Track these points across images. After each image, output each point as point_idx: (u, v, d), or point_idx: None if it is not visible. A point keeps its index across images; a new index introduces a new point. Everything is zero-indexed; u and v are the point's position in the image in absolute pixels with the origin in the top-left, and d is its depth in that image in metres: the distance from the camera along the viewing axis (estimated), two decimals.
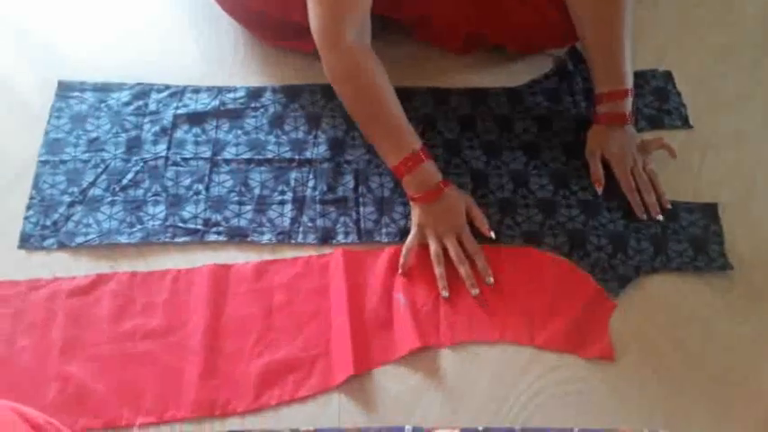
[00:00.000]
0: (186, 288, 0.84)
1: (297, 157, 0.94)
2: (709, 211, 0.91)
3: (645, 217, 0.89)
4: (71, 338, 0.79)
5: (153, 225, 0.87)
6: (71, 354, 0.78)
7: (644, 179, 0.90)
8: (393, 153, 0.85)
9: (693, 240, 0.88)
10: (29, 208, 0.88)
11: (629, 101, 0.91)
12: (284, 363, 0.78)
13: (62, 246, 0.85)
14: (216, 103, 0.99)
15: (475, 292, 0.83)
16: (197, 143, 0.95)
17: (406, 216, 0.89)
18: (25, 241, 0.86)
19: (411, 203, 0.87)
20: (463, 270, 0.83)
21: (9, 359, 0.77)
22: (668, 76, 1.06)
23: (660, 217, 0.89)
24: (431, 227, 0.85)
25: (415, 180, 0.84)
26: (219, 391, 0.76)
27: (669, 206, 0.90)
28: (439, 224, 0.85)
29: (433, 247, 0.84)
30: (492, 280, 0.84)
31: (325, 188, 0.91)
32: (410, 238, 0.85)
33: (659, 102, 1.03)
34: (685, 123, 1.01)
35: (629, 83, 0.91)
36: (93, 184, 0.90)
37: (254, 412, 0.75)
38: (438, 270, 0.84)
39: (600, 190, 0.91)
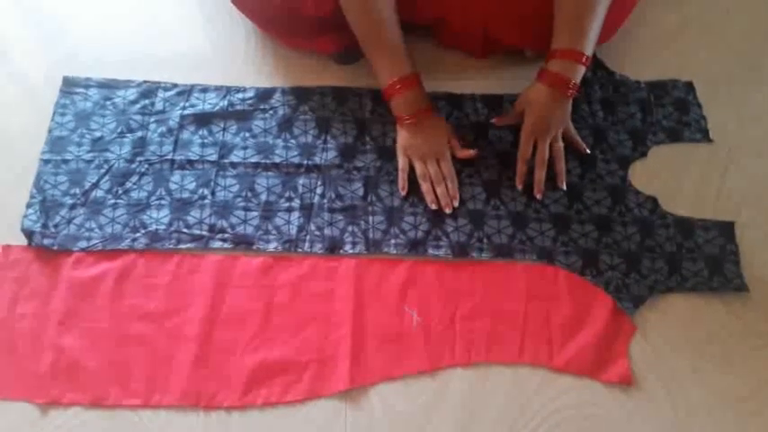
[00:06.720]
0: (190, 274, 0.83)
1: (305, 162, 0.91)
2: (726, 230, 0.89)
3: (520, 188, 0.89)
4: (70, 310, 0.79)
5: (157, 230, 0.85)
6: (68, 326, 0.78)
7: (542, 155, 0.87)
8: (387, 72, 0.87)
9: (709, 260, 0.86)
10: (29, 206, 0.86)
11: (581, 71, 0.85)
12: (277, 363, 0.77)
13: (63, 249, 0.83)
14: (224, 103, 0.96)
15: (448, 211, 0.87)
16: (203, 145, 0.92)
17: (416, 227, 0.87)
18: (29, 239, 0.84)
19: (398, 125, 0.91)
20: (440, 190, 0.87)
21: (8, 323, 0.78)
22: (689, 86, 1.02)
23: (539, 195, 0.88)
24: (416, 148, 0.88)
25: (405, 102, 0.87)
26: (208, 383, 0.76)
27: (564, 187, 0.89)
28: (423, 146, 0.88)
29: (420, 167, 0.88)
30: (457, 203, 0.88)
31: (333, 195, 0.89)
32: (401, 162, 0.90)
33: (679, 113, 0.99)
34: (705, 137, 0.98)
35: (589, 51, 0.84)
36: (95, 185, 0.88)
37: (241, 410, 0.75)
38: (425, 186, 0.88)
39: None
